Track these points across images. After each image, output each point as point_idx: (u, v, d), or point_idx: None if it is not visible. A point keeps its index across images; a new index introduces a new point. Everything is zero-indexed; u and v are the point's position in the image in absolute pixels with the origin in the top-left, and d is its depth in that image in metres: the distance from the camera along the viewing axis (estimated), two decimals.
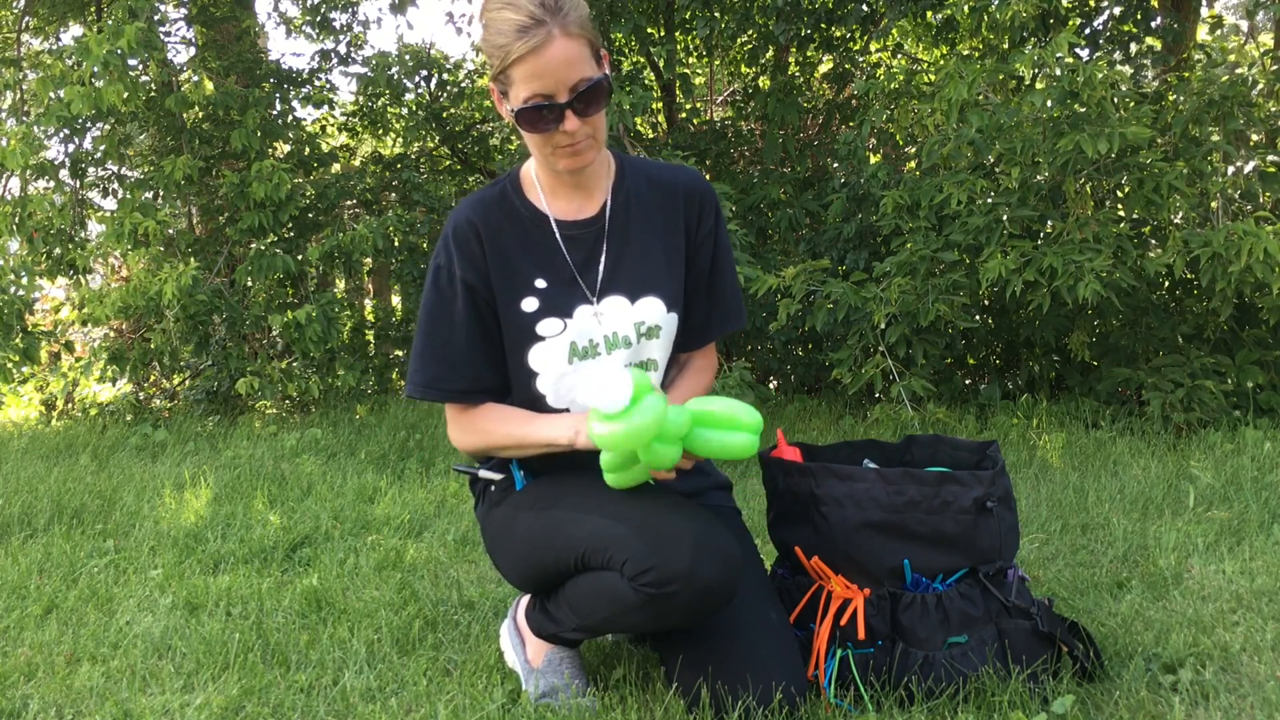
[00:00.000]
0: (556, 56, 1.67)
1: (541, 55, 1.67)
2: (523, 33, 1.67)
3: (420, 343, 1.91)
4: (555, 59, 1.68)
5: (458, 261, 1.86)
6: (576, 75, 1.70)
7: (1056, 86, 3.95)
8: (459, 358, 1.87)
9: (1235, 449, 3.56)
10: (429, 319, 1.90)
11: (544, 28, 1.66)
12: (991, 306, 4.74)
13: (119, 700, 1.94)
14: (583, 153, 1.78)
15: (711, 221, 1.96)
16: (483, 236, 1.86)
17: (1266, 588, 2.29)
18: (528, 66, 1.68)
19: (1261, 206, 4.21)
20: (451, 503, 3.38)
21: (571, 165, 1.80)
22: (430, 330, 1.89)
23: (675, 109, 6.35)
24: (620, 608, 1.69)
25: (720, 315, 2.00)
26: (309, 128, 6.49)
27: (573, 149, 1.77)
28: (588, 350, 1.86)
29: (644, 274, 1.89)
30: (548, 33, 1.67)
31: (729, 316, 2.01)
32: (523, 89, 1.70)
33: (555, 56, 1.67)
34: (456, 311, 1.87)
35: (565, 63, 1.68)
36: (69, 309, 5.77)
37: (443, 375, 1.88)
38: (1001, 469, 1.87)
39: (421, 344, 1.91)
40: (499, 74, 1.73)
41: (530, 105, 1.71)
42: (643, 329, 1.88)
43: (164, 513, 3.35)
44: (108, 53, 4.72)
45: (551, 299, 1.86)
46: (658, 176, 1.96)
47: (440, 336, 1.88)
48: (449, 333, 1.87)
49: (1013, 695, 1.75)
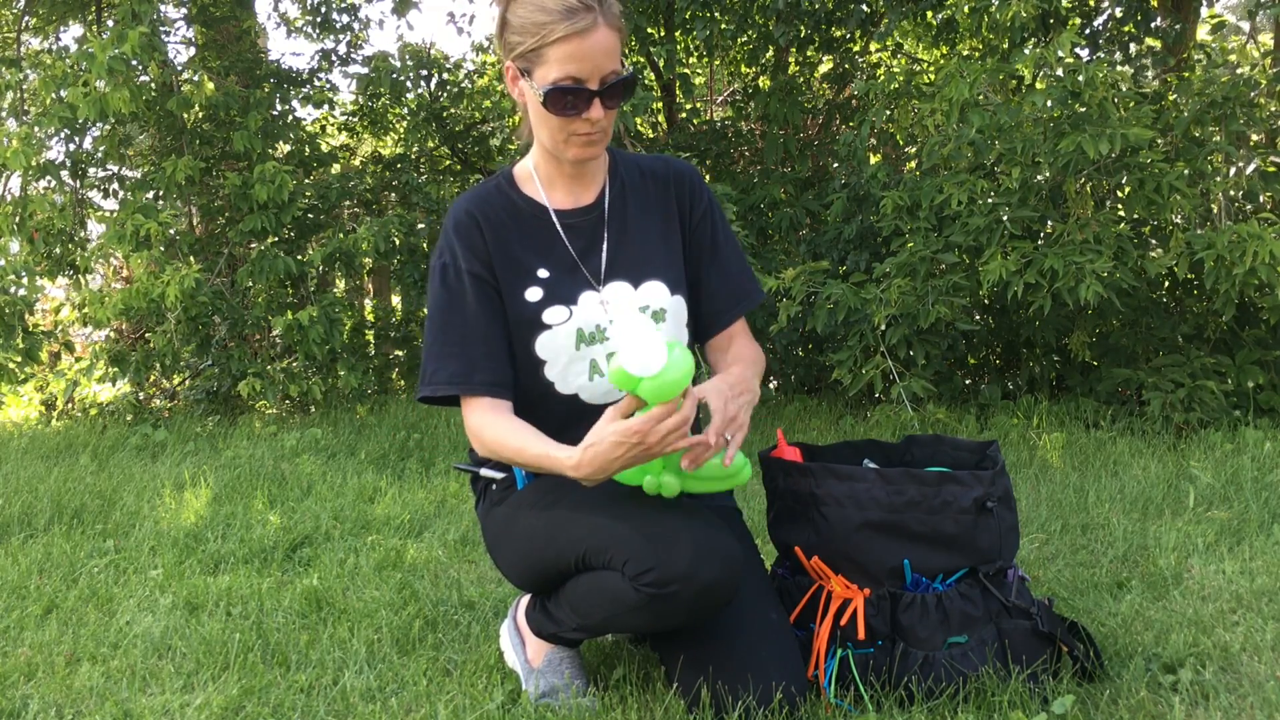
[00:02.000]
0: (599, 44, 1.70)
1: (586, 40, 1.69)
2: (570, 14, 1.69)
3: (434, 341, 1.87)
4: (597, 46, 1.70)
5: (462, 255, 1.86)
6: (610, 66, 1.73)
7: (1057, 87, 3.95)
8: (477, 352, 1.84)
9: (1235, 449, 3.55)
10: (441, 317, 1.87)
11: (592, 13, 1.69)
12: (992, 307, 4.74)
13: (119, 700, 1.94)
14: (596, 144, 1.80)
15: (704, 202, 1.98)
16: (483, 228, 1.86)
17: (1266, 588, 2.29)
18: (569, 48, 1.70)
19: (1262, 207, 4.21)
20: (452, 503, 3.38)
21: (581, 155, 1.81)
22: (444, 327, 1.86)
23: (675, 109, 6.35)
24: (621, 607, 1.69)
25: (734, 291, 1.98)
26: (309, 128, 6.49)
27: (589, 138, 1.78)
28: (594, 336, 1.86)
29: (645, 258, 1.90)
30: (594, 19, 1.69)
31: (744, 293, 2.00)
32: (556, 69, 1.71)
33: (598, 44, 1.70)
34: (469, 306, 1.85)
35: (604, 51, 1.71)
36: (69, 309, 5.77)
37: (463, 371, 1.84)
38: (1001, 469, 1.87)
39: (436, 343, 1.87)
40: (530, 51, 1.73)
41: (561, 86, 1.71)
42: (648, 313, 1.88)
43: (164, 513, 3.35)
44: (112, 58, 4.72)
45: (555, 287, 1.86)
46: (646, 166, 1.98)
47: (456, 332, 1.85)
48: (464, 328, 1.85)
49: (1013, 695, 1.75)
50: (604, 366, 1.87)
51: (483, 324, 1.85)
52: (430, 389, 1.87)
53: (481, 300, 1.85)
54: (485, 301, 1.85)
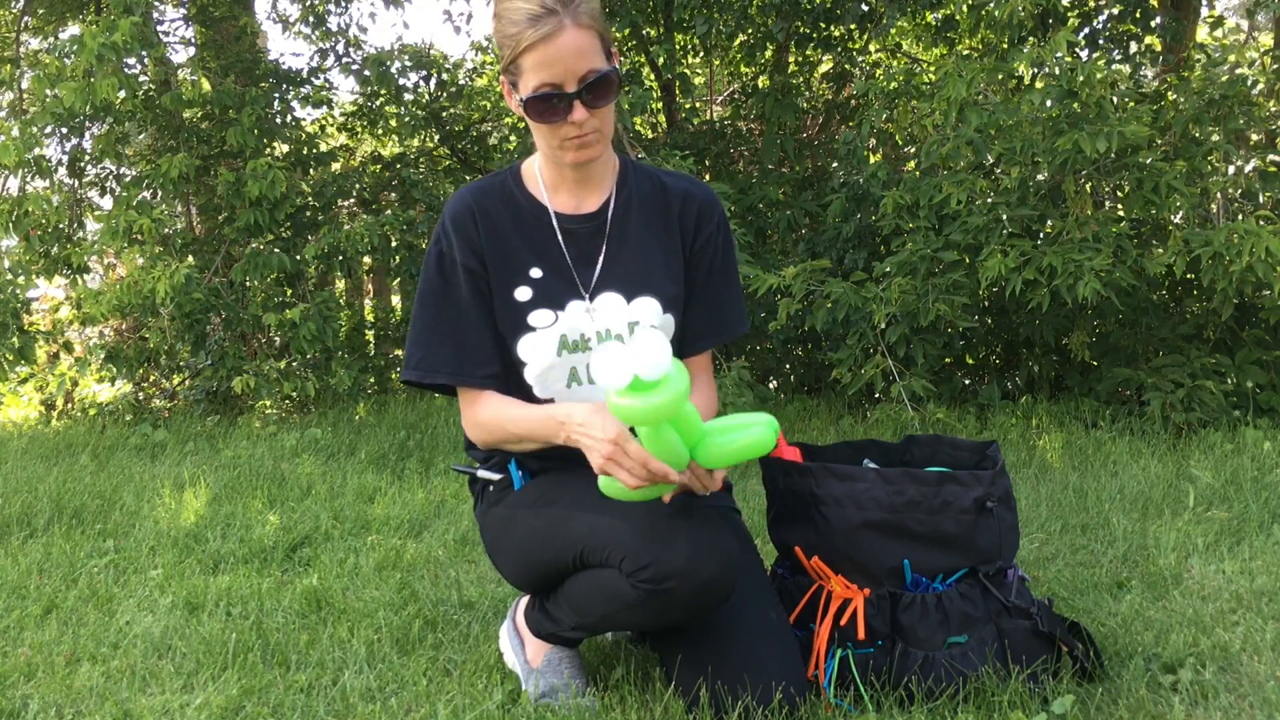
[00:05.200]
0: (567, 46, 1.69)
1: (552, 44, 1.68)
2: (534, 21, 1.68)
3: (425, 327, 1.87)
4: (566, 48, 1.69)
5: (457, 246, 1.86)
6: (586, 66, 1.71)
7: (1056, 86, 3.95)
8: (468, 340, 1.86)
9: (1235, 449, 3.55)
10: (435, 303, 1.87)
11: (555, 17, 1.68)
12: (991, 306, 4.74)
13: (119, 700, 1.94)
14: (590, 145, 1.79)
15: (711, 227, 1.94)
16: (479, 222, 1.86)
17: (1266, 588, 2.29)
18: (538, 55, 1.69)
19: (1261, 206, 4.21)
20: (451, 503, 3.38)
21: (578, 158, 1.80)
22: (435, 313, 1.87)
23: (675, 109, 6.35)
24: (619, 605, 1.69)
25: (715, 325, 1.97)
26: (309, 128, 6.48)
27: (580, 141, 1.77)
28: (578, 344, 1.85)
29: (641, 274, 1.89)
30: (559, 22, 1.68)
31: (725, 326, 1.99)
32: (532, 78, 1.71)
33: (566, 46, 1.69)
34: (462, 296, 1.86)
35: (575, 52, 1.70)
36: (68, 309, 5.76)
37: (459, 361, 1.85)
38: (1001, 469, 1.87)
39: (427, 328, 1.87)
40: (510, 64, 1.74)
41: (539, 94, 1.71)
42: (636, 328, 1.88)
43: (164, 513, 3.35)
44: (101, 45, 4.71)
45: (545, 290, 1.86)
46: (663, 182, 1.96)
47: (449, 321, 1.86)
48: (456, 316, 1.86)
49: (1013, 695, 1.75)
50: (584, 375, 1.86)
51: (475, 316, 1.86)
52: (418, 374, 1.87)
53: (474, 293, 1.86)
54: (477, 295, 1.86)
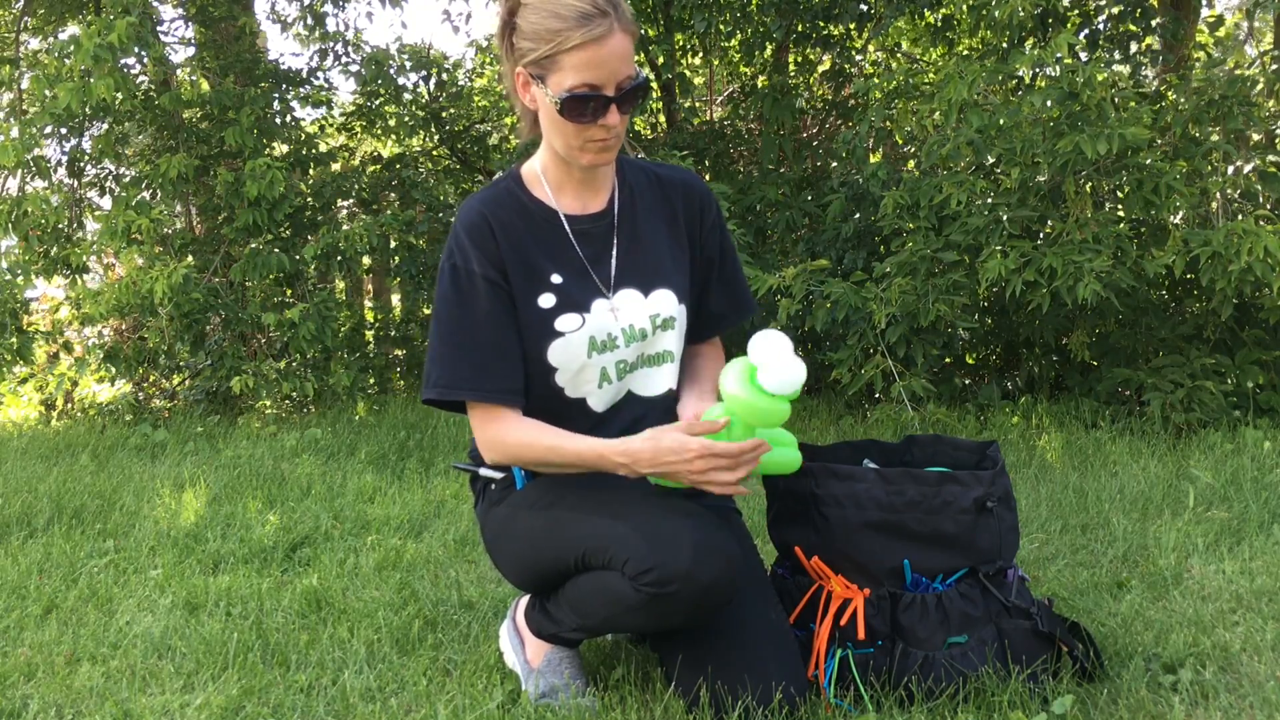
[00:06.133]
0: (615, 50, 1.68)
1: (603, 46, 1.67)
2: (586, 20, 1.66)
3: (443, 344, 1.83)
4: (613, 52, 1.68)
5: (475, 258, 1.81)
6: (626, 71, 1.70)
7: (1056, 87, 3.95)
8: (489, 357, 1.81)
9: (1235, 449, 3.55)
10: (452, 319, 1.82)
11: (607, 19, 1.67)
12: (991, 307, 4.74)
13: (119, 700, 1.94)
14: (611, 149, 1.78)
15: (713, 215, 1.98)
16: (496, 231, 1.83)
17: (1266, 588, 2.29)
18: (586, 55, 1.67)
19: (1261, 206, 4.21)
20: (451, 503, 3.38)
21: (596, 161, 1.79)
22: (454, 329, 1.82)
23: (674, 109, 6.34)
24: (621, 607, 1.69)
25: (735, 305, 2.03)
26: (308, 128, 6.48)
27: (604, 144, 1.76)
28: (606, 344, 1.85)
29: (654, 266, 1.90)
30: (610, 25, 1.67)
31: (742, 307, 2.04)
32: (572, 76, 1.69)
33: (614, 50, 1.68)
34: (481, 309, 1.81)
35: (620, 57, 1.69)
36: (67, 309, 5.76)
37: (476, 377, 1.81)
38: (1001, 469, 1.87)
39: (445, 345, 1.83)
40: (544, 58, 1.70)
41: (577, 94, 1.69)
42: (658, 321, 1.88)
43: (163, 513, 3.35)
44: (97, 45, 4.70)
45: (568, 294, 1.84)
46: (656, 174, 1.98)
47: (468, 336, 1.81)
48: (476, 332, 1.81)
49: (1013, 695, 1.75)
50: (613, 374, 1.87)
51: (495, 328, 1.82)
52: (438, 391, 1.83)
53: (494, 304, 1.81)
54: (498, 306, 1.82)
